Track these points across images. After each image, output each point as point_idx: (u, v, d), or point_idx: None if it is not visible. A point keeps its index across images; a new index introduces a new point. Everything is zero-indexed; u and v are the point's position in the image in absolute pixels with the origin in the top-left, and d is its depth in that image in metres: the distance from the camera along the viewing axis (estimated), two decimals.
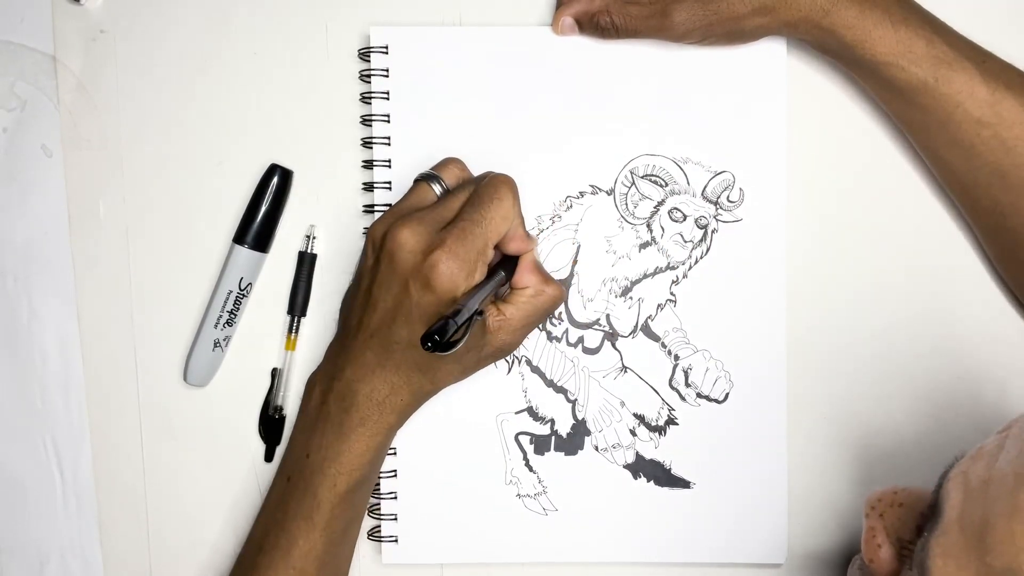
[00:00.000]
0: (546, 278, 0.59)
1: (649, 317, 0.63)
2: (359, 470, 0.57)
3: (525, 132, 0.63)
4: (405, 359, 0.56)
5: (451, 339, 0.50)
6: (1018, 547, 0.35)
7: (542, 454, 0.64)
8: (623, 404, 0.63)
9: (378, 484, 0.63)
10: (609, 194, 0.63)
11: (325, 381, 0.59)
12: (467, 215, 0.55)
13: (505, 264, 0.58)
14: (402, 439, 0.63)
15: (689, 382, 0.63)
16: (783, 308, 0.63)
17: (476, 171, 0.62)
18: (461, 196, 0.57)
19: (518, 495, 0.64)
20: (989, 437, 0.40)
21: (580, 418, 0.64)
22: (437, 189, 0.58)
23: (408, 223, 0.55)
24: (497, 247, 0.57)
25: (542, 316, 0.59)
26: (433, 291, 0.54)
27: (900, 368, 0.64)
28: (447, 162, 0.60)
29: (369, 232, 0.58)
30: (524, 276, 0.58)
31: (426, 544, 0.64)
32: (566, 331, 0.64)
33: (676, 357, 0.63)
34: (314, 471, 0.57)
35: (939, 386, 0.64)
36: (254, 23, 0.65)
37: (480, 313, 0.55)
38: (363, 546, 0.64)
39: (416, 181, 0.59)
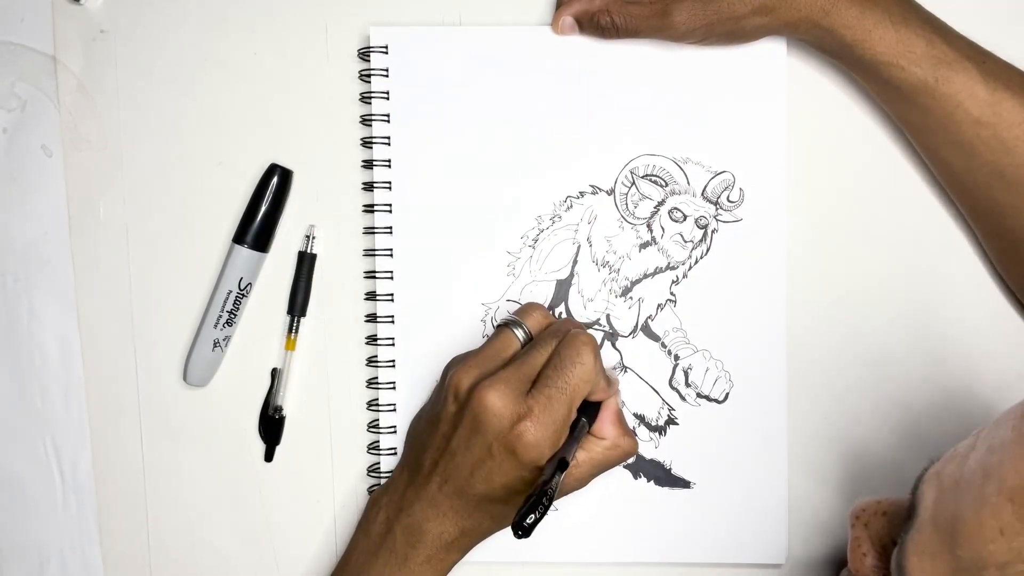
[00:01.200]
0: (625, 431, 0.59)
1: (649, 317, 0.63)
2: None
3: (525, 132, 0.63)
4: (480, 508, 0.56)
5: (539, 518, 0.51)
6: (985, 538, 0.36)
7: None
8: (623, 404, 0.63)
9: (378, 483, 0.63)
10: (609, 194, 0.63)
11: (392, 510, 0.58)
12: (551, 381, 0.55)
13: (586, 409, 0.58)
14: (402, 438, 0.63)
15: (689, 382, 0.63)
16: (783, 308, 0.63)
17: (476, 171, 0.62)
18: (544, 351, 0.57)
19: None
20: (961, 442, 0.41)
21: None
22: (520, 335, 0.59)
23: (496, 386, 0.55)
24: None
25: (611, 466, 0.59)
26: (518, 458, 0.54)
27: (900, 368, 0.64)
28: (529, 308, 0.60)
29: (451, 379, 0.57)
30: (606, 427, 0.58)
31: None
32: None
33: (676, 357, 0.63)
34: None
35: (939, 386, 0.64)
36: (254, 23, 0.65)
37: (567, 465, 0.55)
38: None
39: (499, 327, 0.60)
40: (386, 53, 0.63)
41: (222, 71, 0.65)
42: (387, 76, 0.63)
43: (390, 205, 0.63)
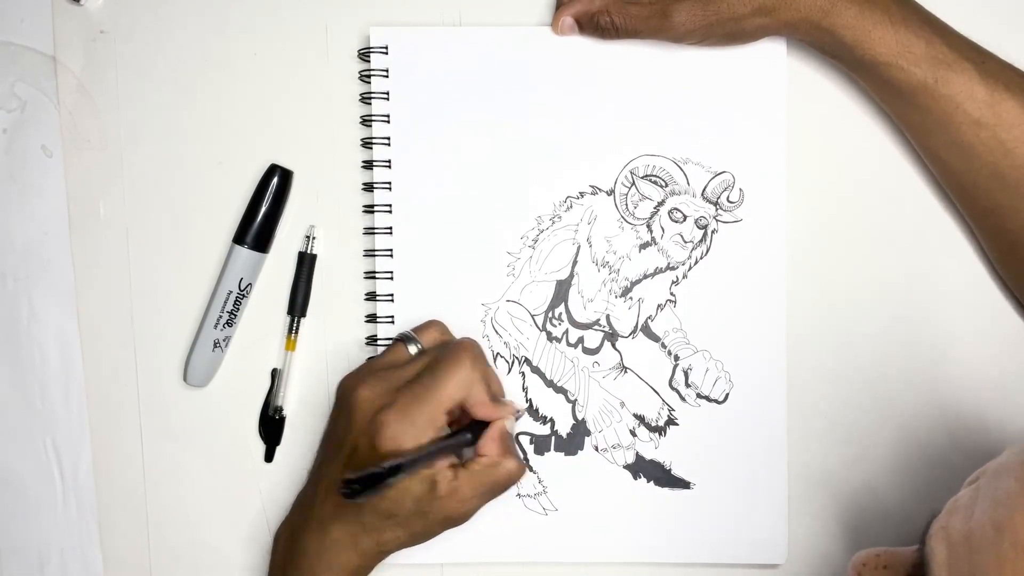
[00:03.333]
0: (507, 451, 0.58)
1: (649, 317, 0.64)
2: None
3: (525, 132, 0.63)
4: (351, 516, 0.56)
5: (362, 491, 0.52)
6: None
7: (542, 454, 0.64)
8: (623, 404, 0.63)
9: None
10: (609, 194, 0.63)
11: (286, 534, 0.60)
12: (423, 380, 0.56)
13: (476, 428, 0.57)
14: None
15: (689, 382, 0.63)
16: (783, 308, 0.63)
17: (476, 171, 0.62)
18: (425, 359, 0.58)
19: (518, 495, 0.64)
20: (961, 490, 0.41)
21: (580, 418, 0.64)
22: (412, 350, 0.60)
23: (369, 380, 0.57)
24: (469, 414, 0.57)
25: (496, 491, 0.58)
26: (375, 449, 0.55)
27: (900, 368, 0.64)
28: (428, 325, 0.61)
29: (338, 386, 0.60)
30: (486, 444, 0.57)
31: (426, 543, 0.63)
32: (566, 331, 0.64)
33: (676, 357, 0.63)
34: None
35: (939, 386, 0.64)
36: (254, 23, 0.65)
37: (427, 464, 0.55)
38: None
39: (395, 340, 0.61)
40: (386, 53, 0.63)
41: (222, 71, 0.65)
42: (387, 76, 0.63)
43: (390, 205, 0.63)
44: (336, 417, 0.59)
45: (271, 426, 0.64)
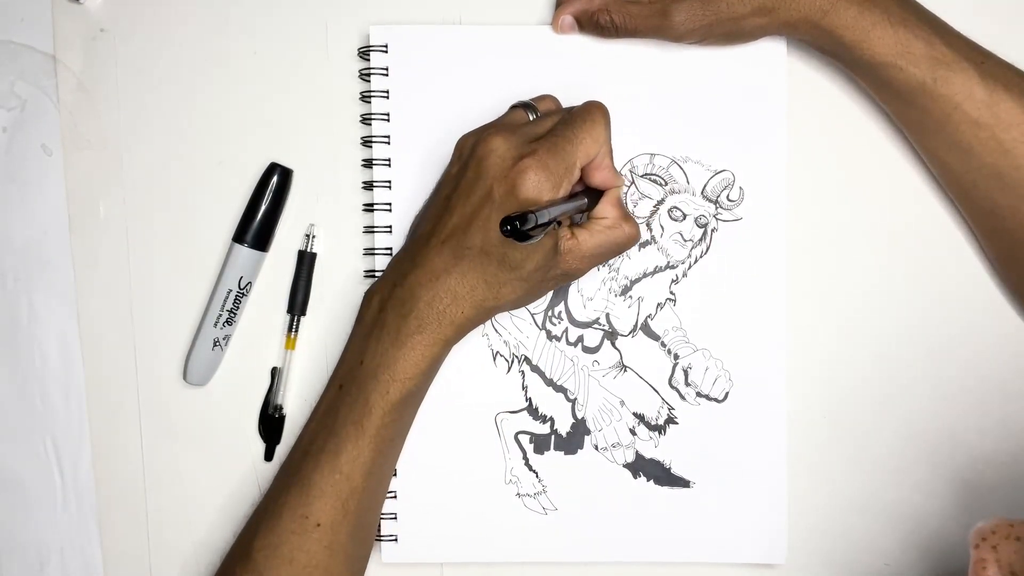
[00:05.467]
0: (626, 215, 0.58)
1: (649, 316, 0.64)
2: (412, 380, 0.56)
3: None
4: (473, 267, 0.55)
5: (528, 232, 0.51)
6: None
7: (542, 453, 0.64)
8: (623, 403, 0.63)
9: None
10: None
11: (386, 289, 0.57)
12: (559, 131, 0.56)
13: (588, 195, 0.58)
14: None
15: (689, 381, 0.63)
16: (783, 308, 0.63)
17: None
18: (554, 118, 0.57)
19: (518, 494, 0.64)
20: None
21: (580, 417, 0.64)
22: (530, 115, 0.59)
23: (501, 131, 0.56)
24: (584, 178, 0.57)
25: (613, 251, 0.59)
26: (517, 197, 0.54)
27: (899, 367, 0.64)
28: (544, 96, 0.61)
29: (458, 142, 0.58)
30: (605, 207, 0.58)
31: (426, 543, 0.64)
32: (566, 330, 0.64)
33: (676, 356, 0.63)
34: (367, 377, 0.56)
35: (938, 386, 0.64)
36: (254, 23, 0.65)
37: (559, 223, 0.55)
38: None
39: (512, 107, 0.60)
40: (386, 52, 0.63)
41: (222, 71, 0.65)
42: (387, 75, 0.63)
43: (390, 204, 0.63)
44: (459, 170, 0.57)
45: (271, 425, 0.64)
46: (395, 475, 0.63)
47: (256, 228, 0.63)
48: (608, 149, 0.57)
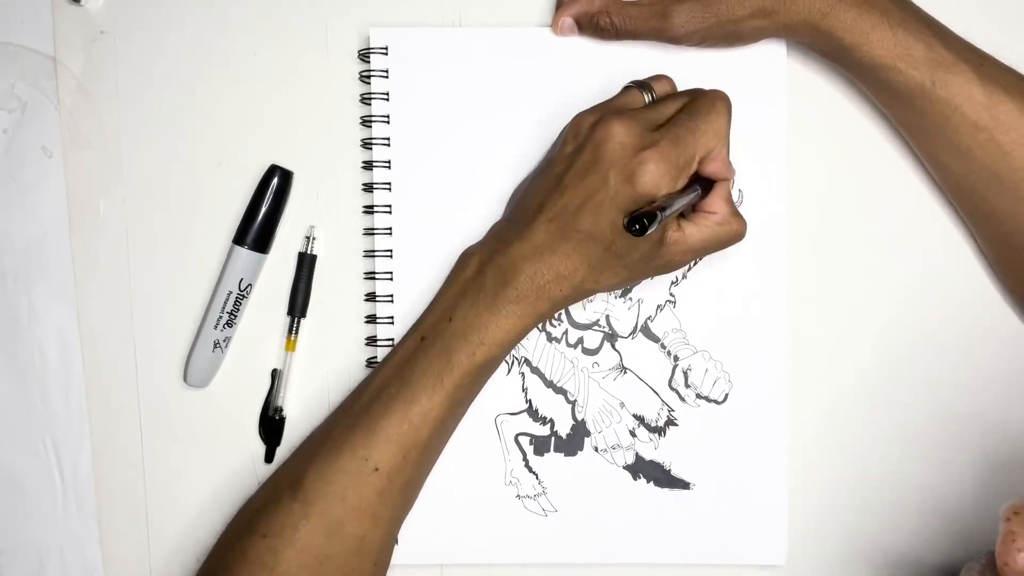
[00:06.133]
0: (735, 211, 0.58)
1: (648, 318, 0.64)
2: (500, 346, 0.56)
3: (525, 133, 0.63)
4: (578, 250, 0.55)
5: (652, 227, 0.51)
6: None
7: (542, 455, 0.64)
8: (623, 405, 0.64)
9: None
10: None
11: (486, 254, 0.58)
12: (682, 122, 0.55)
13: (699, 184, 0.57)
14: None
15: (689, 383, 0.63)
16: (783, 308, 0.63)
17: (476, 172, 0.62)
18: (676, 103, 0.57)
19: (518, 496, 0.64)
20: None
21: (580, 419, 0.64)
22: (647, 97, 0.58)
23: (622, 117, 0.55)
24: (697, 169, 0.57)
25: (717, 246, 0.58)
26: (634, 187, 0.53)
27: (899, 368, 0.64)
28: (660, 76, 0.60)
29: (574, 121, 0.57)
30: (716, 202, 0.57)
31: (426, 544, 0.64)
32: (566, 332, 0.64)
33: (676, 358, 0.63)
34: (455, 335, 0.56)
35: (938, 386, 0.64)
36: (254, 23, 0.65)
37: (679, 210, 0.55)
38: None
39: (627, 87, 0.59)
40: (386, 54, 0.63)
41: (222, 71, 0.65)
42: (387, 77, 0.63)
43: (390, 206, 0.63)
44: (574, 150, 0.56)
45: (271, 426, 0.65)
46: None
47: (256, 230, 0.63)
48: (727, 141, 0.56)
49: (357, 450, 0.55)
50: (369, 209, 0.64)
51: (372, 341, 0.64)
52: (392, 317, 0.63)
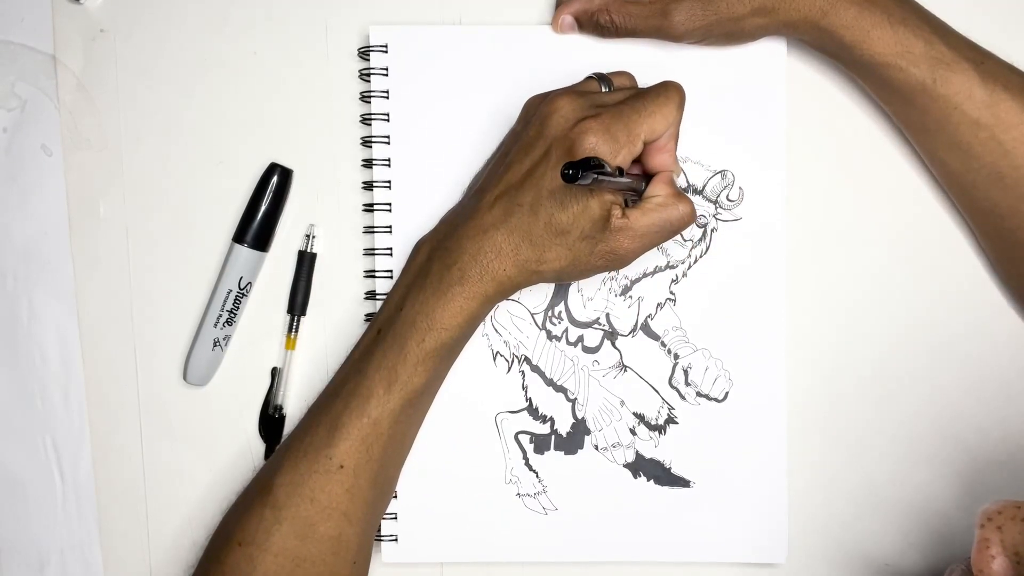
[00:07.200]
0: (678, 193, 0.57)
1: (649, 316, 0.64)
2: (448, 331, 0.56)
3: None
4: (520, 225, 0.55)
5: (585, 176, 0.48)
6: None
7: (542, 453, 0.64)
8: (623, 403, 0.63)
9: None
10: None
11: (435, 240, 0.58)
12: (629, 102, 0.55)
13: (646, 180, 0.57)
14: None
15: (689, 381, 0.63)
16: (783, 307, 0.63)
17: (476, 170, 0.62)
18: (628, 91, 0.57)
19: (518, 494, 0.64)
20: None
21: (580, 417, 0.64)
22: (604, 88, 0.58)
23: (569, 93, 0.55)
24: (642, 158, 0.56)
25: (666, 232, 0.56)
26: (573, 157, 0.53)
27: (899, 367, 0.64)
28: (621, 72, 0.60)
29: (527, 102, 0.58)
30: (657, 186, 0.56)
31: (426, 543, 0.64)
32: (566, 330, 0.64)
33: (676, 356, 0.63)
34: (405, 324, 0.56)
35: (938, 386, 0.64)
36: (254, 23, 0.65)
37: (619, 187, 0.54)
38: None
39: (587, 77, 0.59)
40: (386, 52, 0.63)
41: (222, 71, 0.65)
42: (387, 75, 0.63)
43: (390, 204, 0.63)
44: (521, 129, 0.57)
45: (271, 425, 0.64)
46: None
47: (256, 228, 0.63)
48: (675, 132, 0.56)
49: (321, 449, 0.56)
50: (369, 207, 0.64)
51: None
52: None
